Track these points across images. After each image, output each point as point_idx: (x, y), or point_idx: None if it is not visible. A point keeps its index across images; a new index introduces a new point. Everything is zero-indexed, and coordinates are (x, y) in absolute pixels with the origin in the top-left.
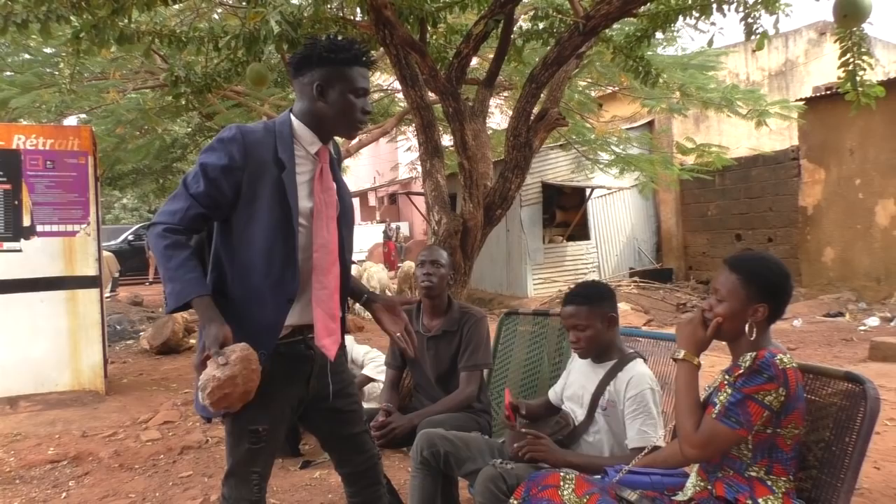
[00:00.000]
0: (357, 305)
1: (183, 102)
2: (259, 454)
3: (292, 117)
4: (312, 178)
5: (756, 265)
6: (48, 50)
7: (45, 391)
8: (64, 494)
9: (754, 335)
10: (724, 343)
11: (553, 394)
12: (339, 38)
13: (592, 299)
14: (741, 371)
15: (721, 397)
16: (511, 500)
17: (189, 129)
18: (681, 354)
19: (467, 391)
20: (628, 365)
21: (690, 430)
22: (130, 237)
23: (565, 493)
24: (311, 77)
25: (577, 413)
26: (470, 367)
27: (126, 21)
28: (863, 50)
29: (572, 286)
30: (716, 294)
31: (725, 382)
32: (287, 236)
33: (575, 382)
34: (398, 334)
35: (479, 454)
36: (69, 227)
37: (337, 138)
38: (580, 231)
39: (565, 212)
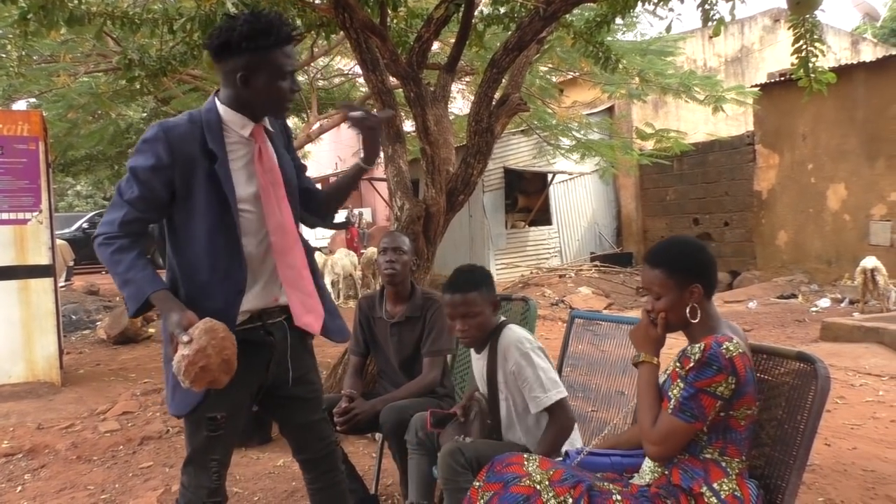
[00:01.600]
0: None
1: (137, 86)
2: (217, 441)
3: (218, 103)
4: (251, 160)
5: (672, 253)
6: None
7: None
8: (19, 488)
9: (698, 316)
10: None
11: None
12: (259, 15)
13: (481, 284)
14: (691, 364)
15: (674, 391)
16: (475, 483)
17: (144, 114)
18: (640, 358)
19: (430, 376)
20: (500, 339)
21: (649, 426)
22: (85, 225)
23: (530, 467)
24: (234, 65)
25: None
26: (433, 353)
27: (76, 2)
28: (815, 37)
29: (454, 274)
30: (650, 293)
31: (678, 374)
32: (229, 227)
33: (476, 379)
34: (382, 115)
35: None
36: (20, 215)
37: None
38: (542, 216)
39: (527, 197)
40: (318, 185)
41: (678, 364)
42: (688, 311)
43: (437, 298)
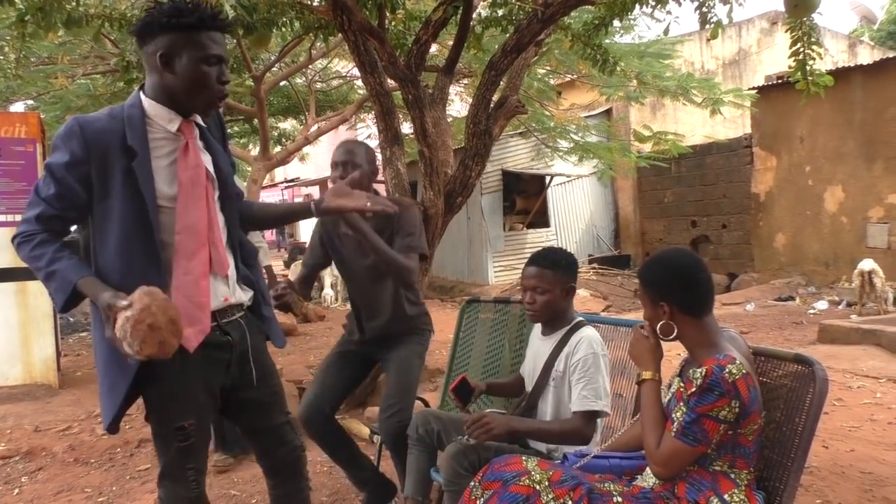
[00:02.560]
0: (324, 292)
1: (135, 88)
2: (190, 450)
3: (143, 97)
4: (176, 159)
5: (647, 270)
6: None
7: None
8: (16, 490)
9: (673, 333)
10: None
11: (524, 368)
12: (187, 0)
13: (559, 265)
14: (693, 389)
15: (678, 414)
16: (471, 482)
17: None
18: (640, 377)
19: (406, 263)
20: (577, 331)
21: (654, 447)
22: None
23: (529, 465)
24: (155, 46)
25: (529, 388)
26: (405, 249)
27: (74, 3)
28: (812, 40)
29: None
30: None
31: (682, 395)
32: (145, 229)
33: (528, 358)
34: (369, 204)
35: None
36: (17, 217)
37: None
38: (540, 218)
39: (525, 199)
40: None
41: (682, 385)
42: (658, 327)
43: (404, 202)
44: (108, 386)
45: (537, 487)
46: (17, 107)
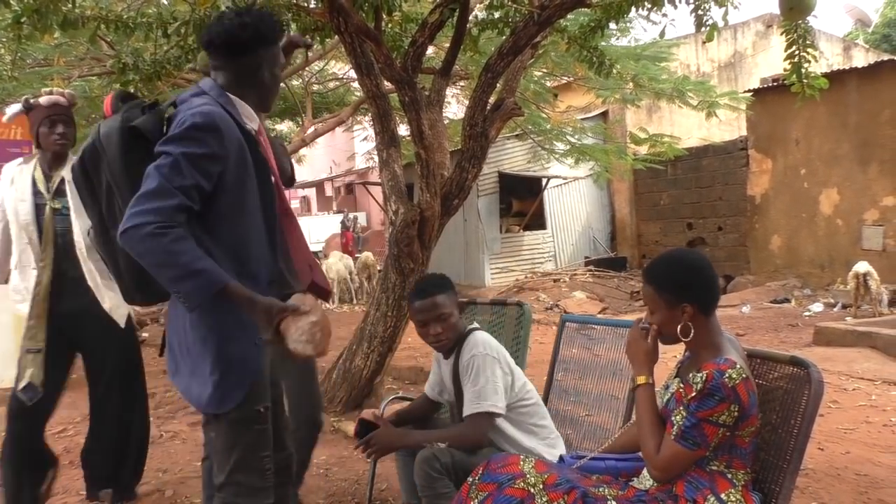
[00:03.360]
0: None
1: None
2: (267, 435)
3: (230, 95)
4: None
5: (663, 271)
6: None
7: None
8: None
9: (691, 334)
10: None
11: (430, 389)
12: (262, 13)
13: (446, 286)
14: (693, 393)
15: (677, 418)
16: (468, 478)
17: None
18: (635, 383)
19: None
20: (466, 340)
21: (653, 452)
22: None
23: (526, 467)
24: (252, 61)
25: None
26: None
27: (70, 5)
28: (808, 42)
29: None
30: (646, 306)
31: (681, 398)
32: (269, 214)
33: (437, 382)
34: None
35: None
36: None
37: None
38: (536, 220)
39: (522, 201)
40: None
41: (681, 387)
42: (679, 328)
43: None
44: (232, 368)
45: (531, 490)
46: (13, 109)
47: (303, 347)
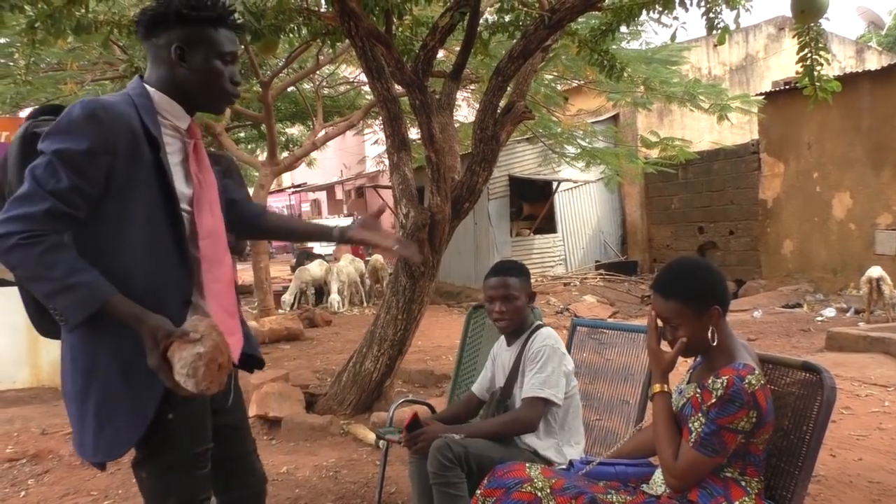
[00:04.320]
0: (331, 297)
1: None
2: (206, 478)
3: (148, 87)
4: (185, 157)
5: (685, 282)
6: (2, 40)
7: (2, 388)
8: (23, 493)
9: (717, 338)
10: None
11: (478, 388)
12: None
13: (522, 273)
14: (713, 400)
15: (695, 424)
16: (476, 490)
17: None
18: (653, 391)
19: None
20: (538, 332)
21: (670, 460)
22: None
23: (533, 473)
24: (168, 38)
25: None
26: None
27: (83, 10)
28: (820, 45)
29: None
30: (668, 323)
31: (699, 404)
32: (173, 225)
33: (497, 370)
34: (396, 246)
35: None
36: None
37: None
38: (547, 224)
39: (532, 205)
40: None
41: (699, 393)
42: (709, 334)
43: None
44: (116, 411)
45: (539, 495)
46: (27, 112)
47: (184, 382)
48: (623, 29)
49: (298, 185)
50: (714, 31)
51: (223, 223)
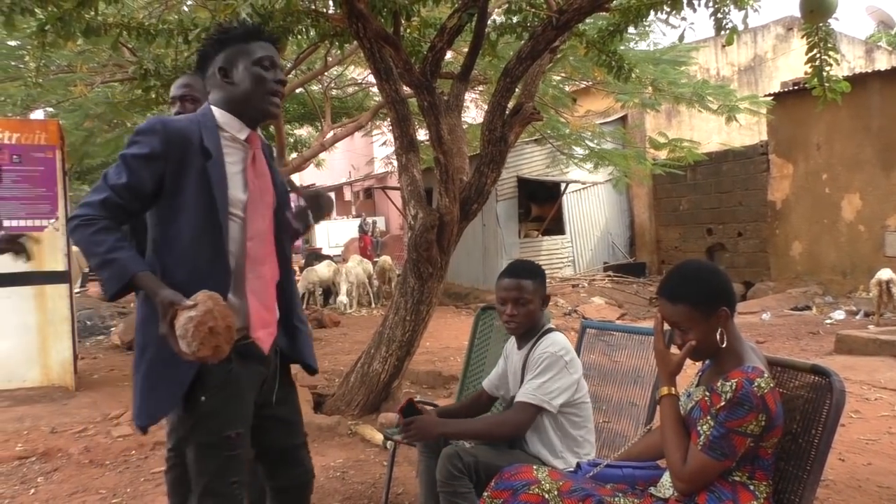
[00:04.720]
0: (339, 299)
1: (153, 96)
2: (236, 462)
3: (212, 108)
4: (245, 167)
5: (692, 286)
6: (13, 43)
7: (12, 387)
8: (32, 490)
9: (726, 340)
10: None
11: (489, 384)
12: (229, 24)
13: (537, 275)
14: (722, 403)
15: (704, 427)
16: (484, 493)
17: None
18: (661, 394)
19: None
20: (546, 337)
21: (679, 464)
22: None
23: (540, 475)
24: (214, 66)
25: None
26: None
27: (92, 13)
28: (829, 45)
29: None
30: (677, 328)
31: (707, 407)
32: (214, 231)
33: (509, 373)
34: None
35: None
36: (37, 222)
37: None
38: (555, 225)
39: (541, 206)
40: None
41: (707, 396)
42: (717, 336)
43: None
44: (157, 383)
45: (546, 497)
46: (37, 114)
47: (181, 344)
48: (631, 30)
49: (307, 186)
50: (722, 32)
51: (272, 229)
